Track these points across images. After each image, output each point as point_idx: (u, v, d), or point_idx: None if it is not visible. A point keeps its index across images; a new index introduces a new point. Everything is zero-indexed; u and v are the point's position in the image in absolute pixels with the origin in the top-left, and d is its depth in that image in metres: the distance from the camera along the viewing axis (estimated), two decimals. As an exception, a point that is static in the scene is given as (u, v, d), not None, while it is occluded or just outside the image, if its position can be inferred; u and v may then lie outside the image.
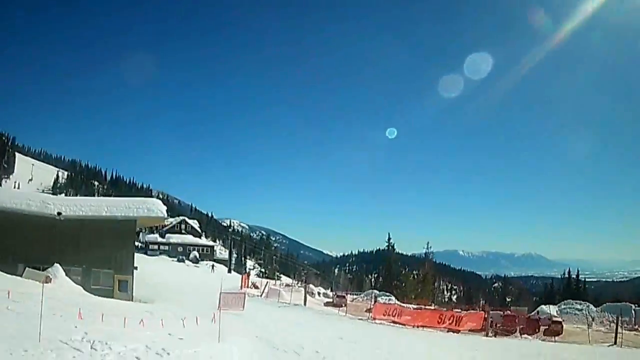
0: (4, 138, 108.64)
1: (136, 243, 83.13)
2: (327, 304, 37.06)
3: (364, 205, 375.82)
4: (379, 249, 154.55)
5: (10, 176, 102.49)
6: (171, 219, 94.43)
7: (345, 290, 45.87)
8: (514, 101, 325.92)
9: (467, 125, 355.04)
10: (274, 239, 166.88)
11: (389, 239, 62.35)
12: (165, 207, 24.70)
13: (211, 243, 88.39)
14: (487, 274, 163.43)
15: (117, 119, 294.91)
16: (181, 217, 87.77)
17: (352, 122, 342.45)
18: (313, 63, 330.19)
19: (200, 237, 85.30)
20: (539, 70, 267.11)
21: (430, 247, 55.75)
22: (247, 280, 41.41)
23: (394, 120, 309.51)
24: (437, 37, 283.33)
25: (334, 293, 42.12)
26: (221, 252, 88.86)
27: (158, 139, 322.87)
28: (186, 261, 70.85)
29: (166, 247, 76.67)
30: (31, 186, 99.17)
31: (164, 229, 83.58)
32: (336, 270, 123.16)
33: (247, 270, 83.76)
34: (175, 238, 78.44)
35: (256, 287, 39.79)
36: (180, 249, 76.35)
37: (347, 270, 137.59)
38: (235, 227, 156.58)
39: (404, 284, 52.36)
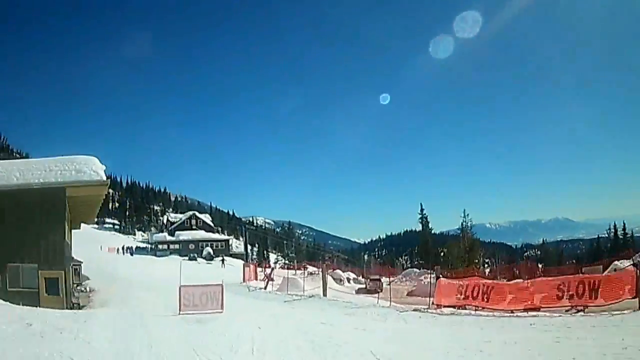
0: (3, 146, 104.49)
1: (145, 245, 77.57)
2: (359, 291, 29.38)
3: (386, 188, 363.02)
4: (407, 230, 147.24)
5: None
6: (181, 215, 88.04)
7: (378, 273, 37.26)
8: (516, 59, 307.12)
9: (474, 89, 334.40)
10: (300, 231, 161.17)
11: (422, 209, 55.45)
12: (103, 167, 16.74)
13: (225, 237, 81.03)
14: (516, 244, 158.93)
15: (129, 123, 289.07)
16: (191, 212, 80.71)
17: (360, 100, 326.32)
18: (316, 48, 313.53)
19: (214, 232, 78.06)
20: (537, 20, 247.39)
21: (468, 215, 47.09)
22: (253, 272, 33.38)
23: (391, 89, 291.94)
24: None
25: (367, 277, 33.86)
26: (238, 246, 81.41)
27: (172, 141, 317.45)
28: (198, 259, 63.56)
29: (176, 246, 69.73)
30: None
31: (173, 226, 76.79)
32: (365, 256, 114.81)
33: (273, 263, 76.51)
34: (185, 235, 71.43)
35: (271, 279, 31.25)
36: (192, 246, 69.28)
37: (376, 255, 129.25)
38: (260, 223, 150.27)
39: (443, 253, 44.79)
